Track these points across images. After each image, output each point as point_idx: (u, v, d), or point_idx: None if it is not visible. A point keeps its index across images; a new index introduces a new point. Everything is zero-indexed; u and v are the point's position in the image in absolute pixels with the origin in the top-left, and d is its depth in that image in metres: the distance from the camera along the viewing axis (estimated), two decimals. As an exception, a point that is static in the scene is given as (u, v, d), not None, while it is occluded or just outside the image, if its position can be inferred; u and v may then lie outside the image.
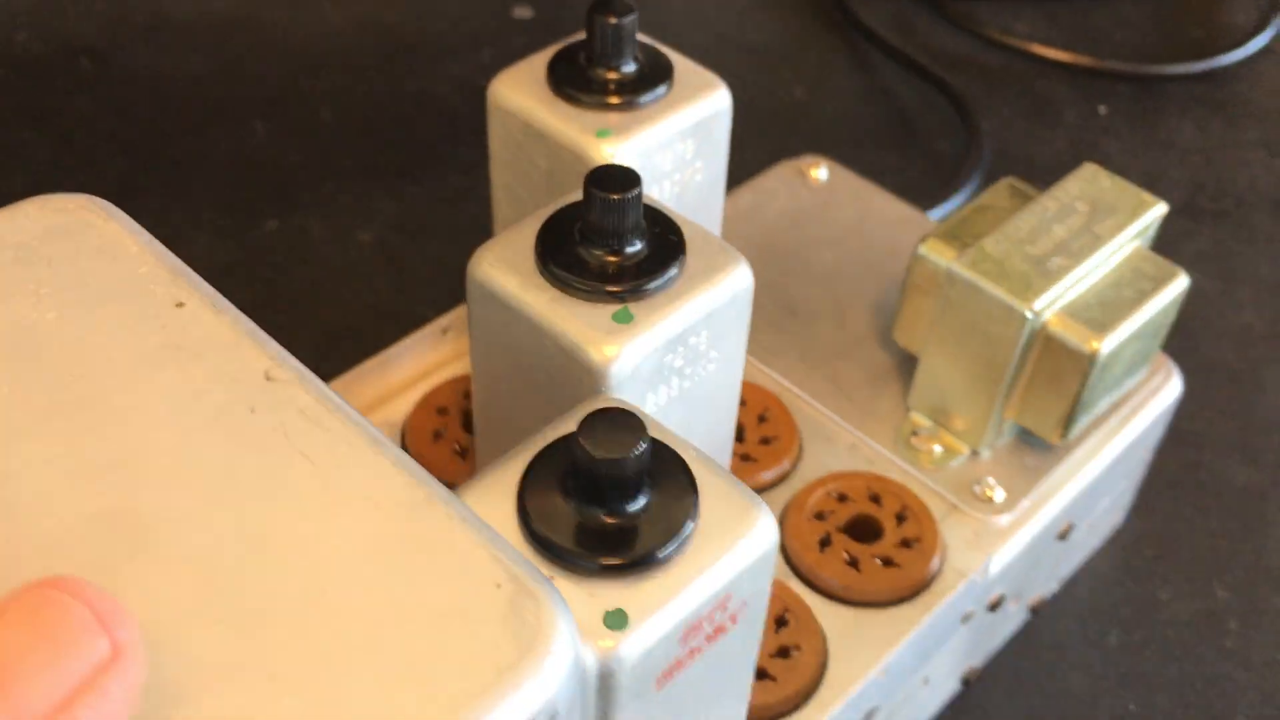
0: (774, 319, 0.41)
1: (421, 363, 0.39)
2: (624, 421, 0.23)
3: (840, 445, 0.37)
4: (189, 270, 0.25)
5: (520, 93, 0.33)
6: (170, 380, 0.23)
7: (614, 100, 0.32)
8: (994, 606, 0.37)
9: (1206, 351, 0.49)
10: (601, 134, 0.32)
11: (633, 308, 0.28)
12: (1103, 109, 0.61)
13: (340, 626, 0.20)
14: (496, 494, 0.24)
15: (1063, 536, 0.38)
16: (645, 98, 0.33)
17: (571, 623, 0.20)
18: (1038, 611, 0.41)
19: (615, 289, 0.28)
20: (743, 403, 0.38)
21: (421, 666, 0.19)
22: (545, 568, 0.23)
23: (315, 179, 0.53)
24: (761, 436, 0.37)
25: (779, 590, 0.33)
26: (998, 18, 0.65)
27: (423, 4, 0.64)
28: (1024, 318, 0.34)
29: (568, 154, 0.32)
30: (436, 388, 0.38)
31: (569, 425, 0.25)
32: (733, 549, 0.24)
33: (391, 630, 0.20)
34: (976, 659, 0.39)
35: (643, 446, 0.23)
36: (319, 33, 0.61)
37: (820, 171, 0.46)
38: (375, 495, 0.21)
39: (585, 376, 0.27)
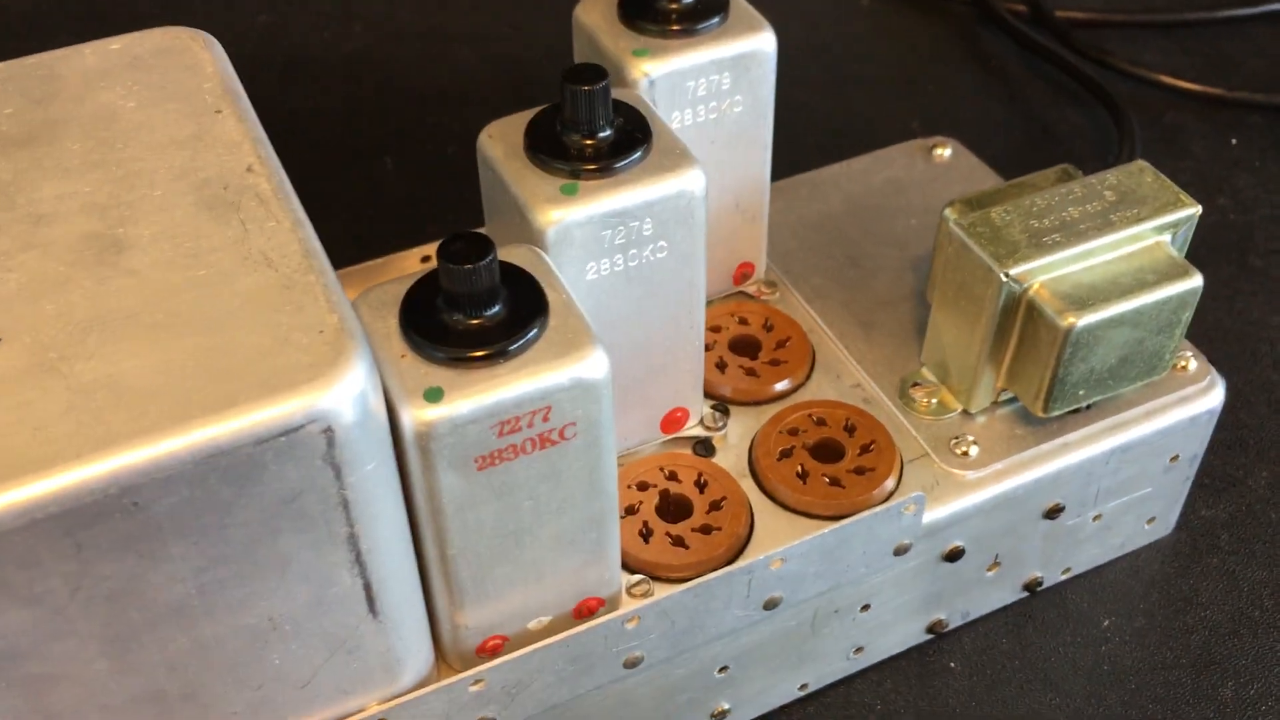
0: (835, 267, 0.44)
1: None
2: (475, 241, 0.28)
3: (845, 382, 0.40)
4: (243, 95, 0.33)
5: (590, 13, 0.38)
6: (182, 157, 0.30)
7: (673, 27, 0.37)
8: (950, 557, 0.38)
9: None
10: (639, 53, 0.37)
11: (582, 185, 0.33)
12: (1234, 140, 0.59)
13: (188, 316, 0.27)
14: (390, 293, 0.30)
15: (1050, 515, 0.39)
16: (701, 25, 0.37)
17: (371, 369, 0.26)
18: (1034, 592, 0.42)
19: (567, 166, 0.33)
20: (770, 327, 0.41)
21: (232, 363, 0.26)
22: (400, 348, 0.29)
23: (442, 213, 0.56)
24: (773, 359, 0.41)
25: (724, 481, 0.37)
26: (1125, 46, 0.64)
27: (553, 38, 0.65)
28: (1000, 280, 0.36)
29: (611, 67, 0.37)
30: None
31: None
32: (557, 367, 0.28)
33: (221, 334, 0.26)
34: (944, 612, 0.40)
35: (483, 262, 0.28)
36: (448, 69, 0.65)
37: (945, 151, 0.48)
38: (272, 254, 0.28)
39: (534, 236, 0.33)
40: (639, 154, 0.33)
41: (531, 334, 0.29)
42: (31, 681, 0.26)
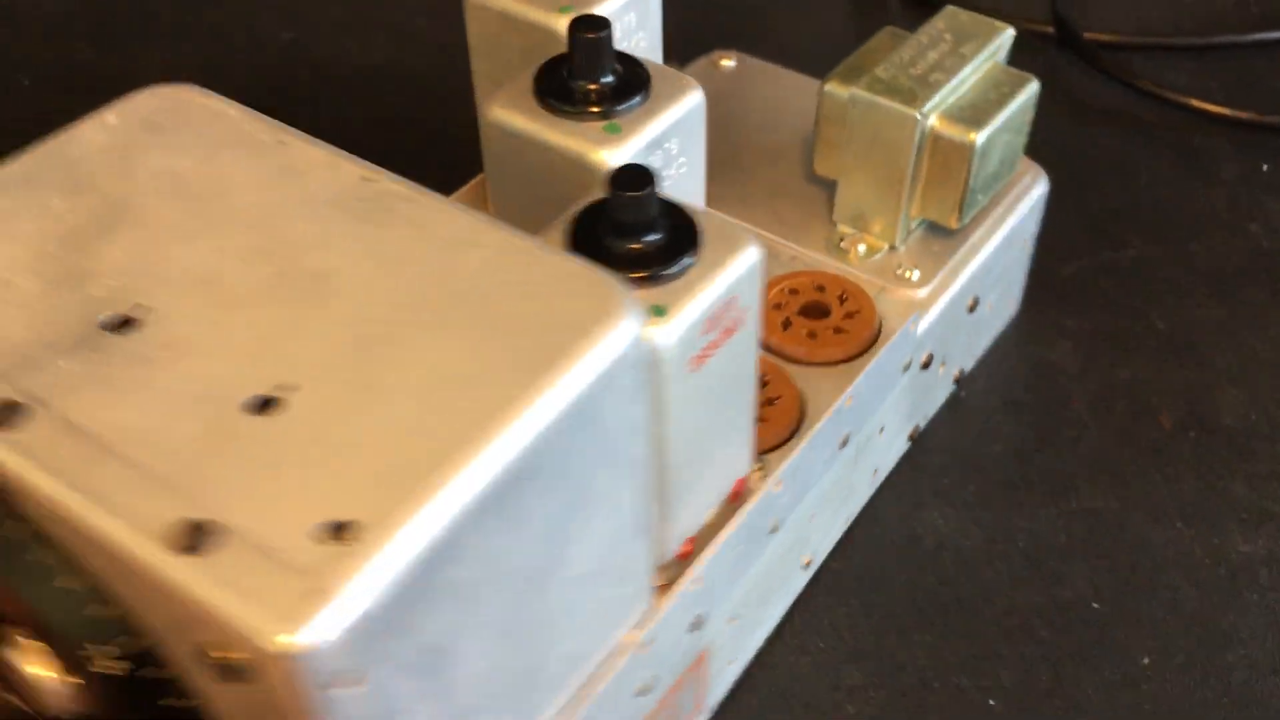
0: (714, 174, 0.49)
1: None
2: (639, 171, 0.31)
3: (784, 258, 0.46)
4: (284, 125, 0.33)
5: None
6: (292, 189, 0.30)
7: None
8: (925, 365, 0.45)
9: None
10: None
11: (619, 122, 0.36)
12: (1264, 165, 0.60)
13: (443, 310, 0.27)
14: (552, 243, 0.32)
15: (971, 309, 0.47)
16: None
17: (637, 305, 0.28)
18: (960, 384, 0.50)
19: (600, 109, 0.36)
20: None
21: (526, 328, 0.27)
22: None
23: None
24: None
25: (770, 370, 0.42)
26: (1153, 69, 0.63)
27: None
28: (915, 120, 0.42)
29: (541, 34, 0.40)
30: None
31: (593, 197, 0.33)
32: (733, 260, 0.32)
33: (491, 311, 0.27)
34: (919, 418, 0.47)
35: (654, 187, 0.31)
36: (469, 84, 0.65)
37: (729, 62, 0.54)
38: (461, 236, 0.29)
39: (589, 178, 0.35)
40: (648, 86, 0.37)
41: (700, 241, 0.32)
42: (443, 669, 0.26)
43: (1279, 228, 0.57)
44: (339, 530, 0.23)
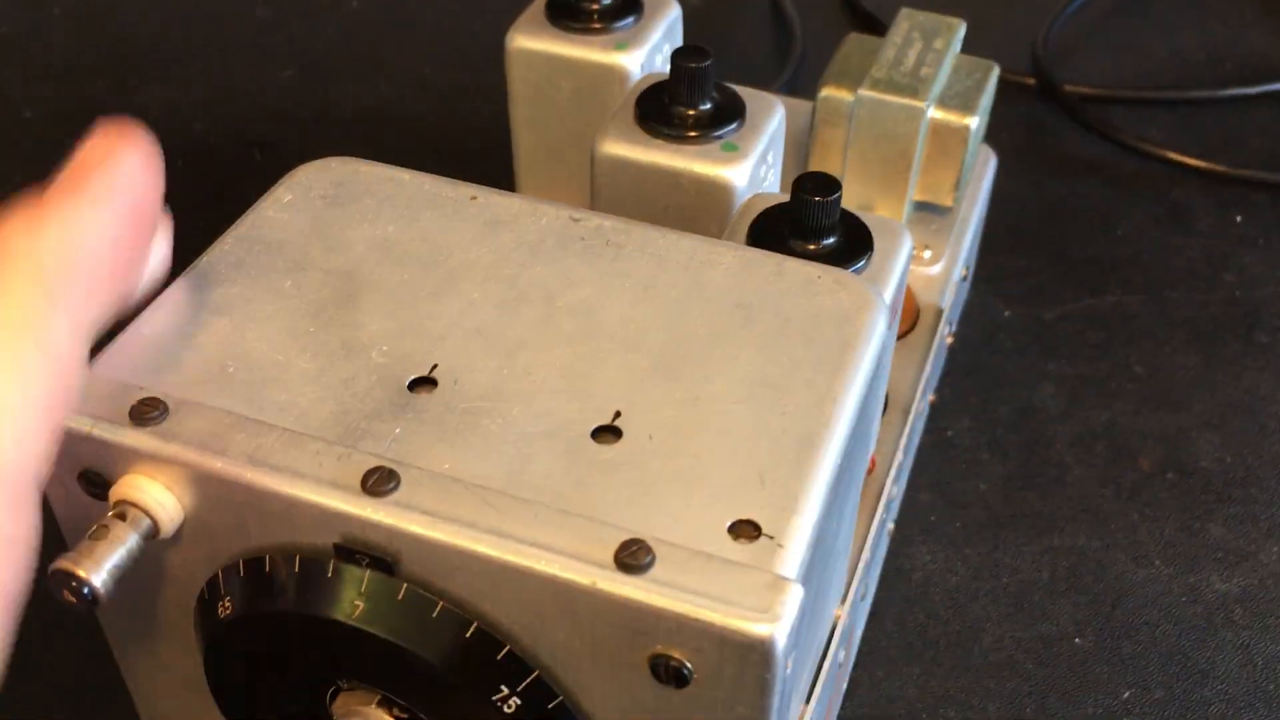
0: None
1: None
2: (826, 178, 0.35)
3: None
4: (458, 180, 0.33)
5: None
6: (507, 238, 0.31)
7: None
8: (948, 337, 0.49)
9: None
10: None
11: (733, 140, 0.39)
12: (1239, 218, 0.61)
13: (734, 318, 0.29)
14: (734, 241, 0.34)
15: (964, 279, 0.51)
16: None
17: (881, 295, 0.31)
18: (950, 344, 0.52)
19: (700, 133, 0.39)
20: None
21: (800, 333, 0.29)
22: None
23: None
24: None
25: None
26: (1132, 123, 0.66)
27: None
28: (922, 111, 0.46)
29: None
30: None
31: (761, 207, 0.36)
32: (900, 253, 0.35)
33: (767, 314, 0.30)
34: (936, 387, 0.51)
35: (835, 195, 0.34)
36: (467, 127, 0.67)
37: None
38: (711, 258, 0.31)
39: (718, 192, 0.38)
40: (743, 108, 0.40)
41: (870, 245, 0.35)
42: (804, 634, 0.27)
43: (1253, 278, 0.59)
44: (748, 528, 0.25)
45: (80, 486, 0.27)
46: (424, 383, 0.27)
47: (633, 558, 0.24)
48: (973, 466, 0.51)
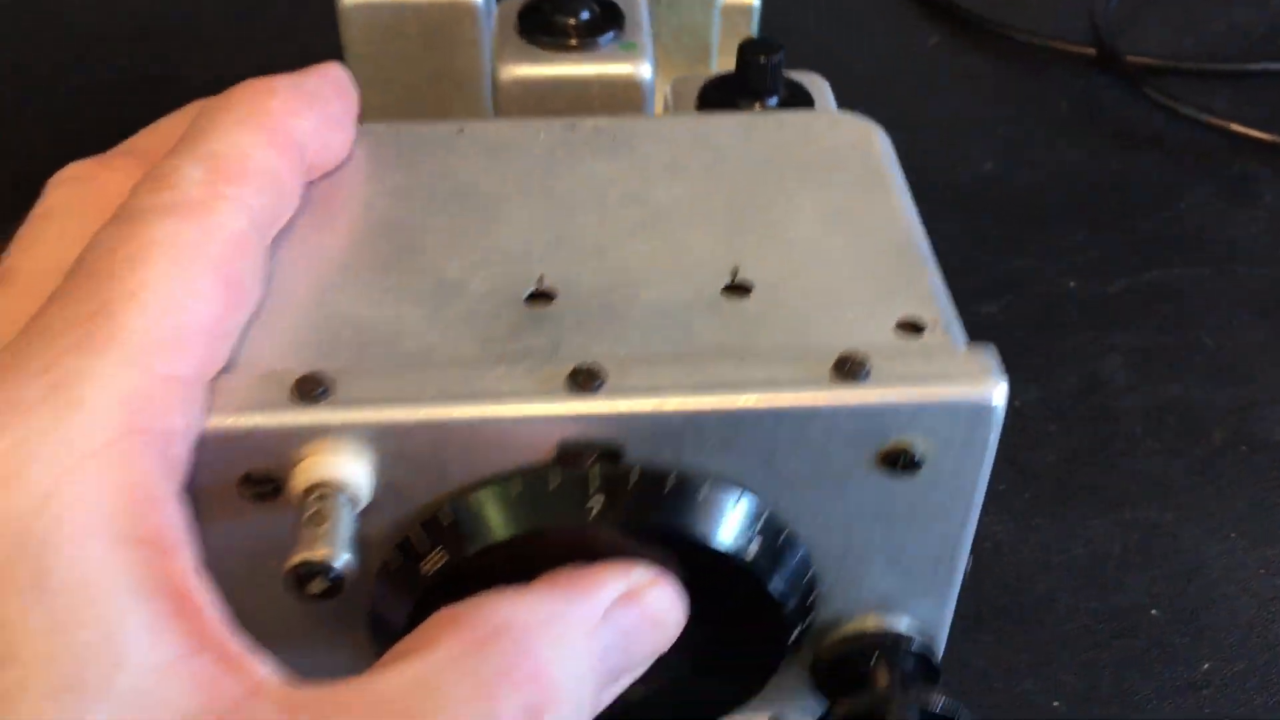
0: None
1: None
2: (765, 40, 0.39)
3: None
4: (425, 119, 0.33)
5: None
6: (517, 160, 0.31)
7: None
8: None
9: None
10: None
11: (628, 41, 0.40)
12: None
13: (778, 167, 0.31)
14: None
15: None
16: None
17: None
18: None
19: (582, 40, 0.40)
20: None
21: (842, 165, 0.31)
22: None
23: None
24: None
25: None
26: (1195, 94, 0.64)
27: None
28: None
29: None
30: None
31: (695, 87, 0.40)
32: (829, 99, 0.40)
33: (803, 159, 0.31)
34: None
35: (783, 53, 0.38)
36: None
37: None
38: (720, 126, 0.32)
39: (634, 92, 0.40)
40: (617, 7, 0.42)
41: (814, 103, 0.39)
42: None
43: (1319, 252, 0.59)
44: (911, 327, 0.26)
45: (243, 494, 0.25)
46: (539, 297, 0.27)
47: (853, 368, 0.25)
48: (1041, 438, 0.50)
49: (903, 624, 0.29)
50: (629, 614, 0.25)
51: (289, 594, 0.23)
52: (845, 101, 0.39)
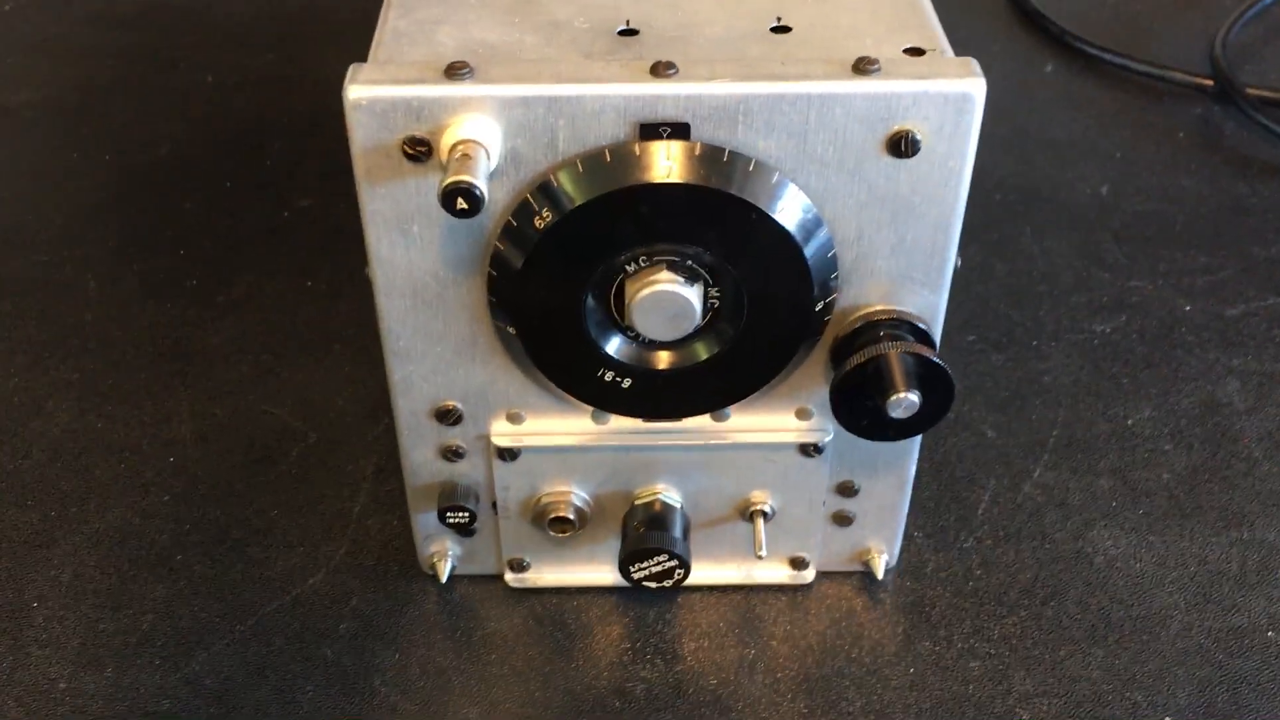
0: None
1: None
2: None
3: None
4: None
5: None
6: None
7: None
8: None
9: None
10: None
11: None
12: None
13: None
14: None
15: None
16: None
17: None
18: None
19: None
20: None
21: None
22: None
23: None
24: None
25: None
26: None
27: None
28: None
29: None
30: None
31: None
32: None
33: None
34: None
35: None
36: None
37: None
38: None
39: None
40: None
41: None
42: None
43: None
44: (916, 51, 0.34)
45: (403, 154, 0.33)
46: (627, 33, 0.35)
47: (868, 66, 0.33)
48: (1155, 456, 0.49)
49: (905, 307, 0.37)
50: None
51: (441, 208, 0.31)
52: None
